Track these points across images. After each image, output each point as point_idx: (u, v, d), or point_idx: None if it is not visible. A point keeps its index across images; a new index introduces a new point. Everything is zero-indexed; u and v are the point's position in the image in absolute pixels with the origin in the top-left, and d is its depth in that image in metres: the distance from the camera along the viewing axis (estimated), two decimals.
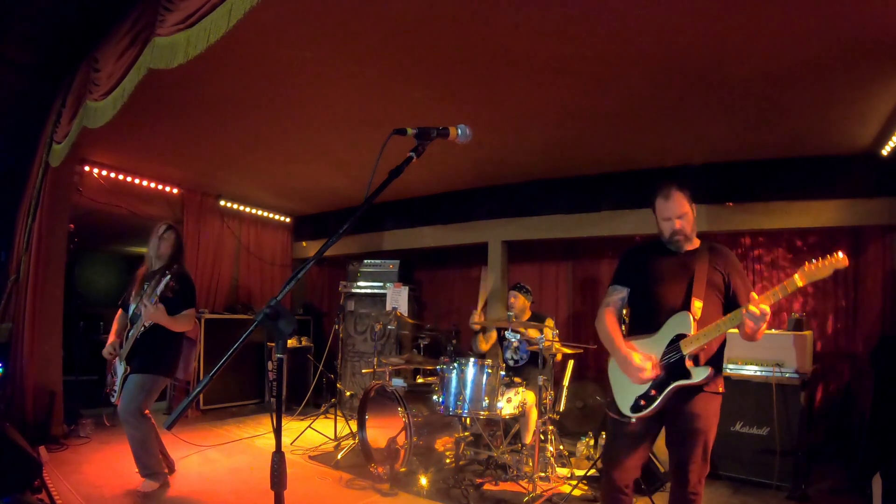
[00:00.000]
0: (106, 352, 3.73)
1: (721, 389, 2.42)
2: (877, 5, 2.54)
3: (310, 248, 8.12)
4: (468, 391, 3.94)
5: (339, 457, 4.53)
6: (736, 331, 2.31)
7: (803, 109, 3.77)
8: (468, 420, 4.29)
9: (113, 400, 3.72)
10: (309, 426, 5.33)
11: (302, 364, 6.94)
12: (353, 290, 6.91)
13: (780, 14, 2.65)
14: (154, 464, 3.63)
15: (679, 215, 2.46)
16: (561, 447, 4.50)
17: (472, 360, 4.02)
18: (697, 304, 2.35)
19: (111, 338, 3.77)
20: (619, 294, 2.61)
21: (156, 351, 3.59)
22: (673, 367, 2.34)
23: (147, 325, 3.54)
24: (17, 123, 5.09)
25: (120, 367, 3.65)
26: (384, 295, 6.66)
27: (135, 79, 2.99)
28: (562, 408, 4.57)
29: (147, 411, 3.60)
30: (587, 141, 4.68)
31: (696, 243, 2.54)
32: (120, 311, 3.88)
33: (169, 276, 3.40)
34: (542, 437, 4.16)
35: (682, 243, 2.49)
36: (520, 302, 4.74)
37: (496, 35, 3.04)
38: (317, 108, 4.16)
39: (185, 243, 6.38)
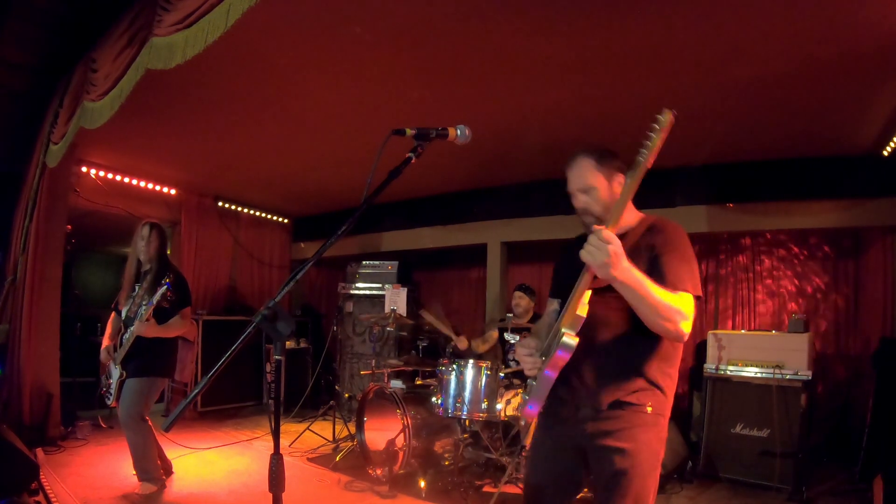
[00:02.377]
0: (103, 355, 3.72)
1: (649, 409, 1.74)
2: (878, 6, 2.53)
3: (308, 249, 8.11)
4: (467, 393, 3.92)
5: (337, 459, 4.51)
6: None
7: (804, 110, 3.76)
8: (467, 422, 4.26)
9: (108, 402, 3.70)
10: (307, 428, 5.31)
11: (300, 366, 6.91)
12: (352, 292, 6.89)
13: (783, 15, 2.65)
14: (153, 468, 3.61)
15: (581, 188, 1.92)
16: None
17: (470, 361, 4.00)
18: (586, 298, 1.68)
19: (105, 341, 3.76)
20: (552, 306, 2.09)
21: (151, 353, 3.57)
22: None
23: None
24: (14, 124, 5.07)
25: (115, 371, 3.62)
26: (383, 296, 6.64)
27: (132, 79, 2.98)
28: None
29: (147, 415, 3.59)
30: (587, 141, 4.65)
31: (627, 223, 1.89)
32: (113, 313, 3.86)
33: (166, 287, 3.36)
34: None
35: (591, 226, 1.82)
36: (524, 303, 4.72)
37: (495, 35, 3.03)
38: (315, 109, 4.15)
39: (182, 245, 6.47)
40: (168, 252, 3.92)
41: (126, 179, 5.97)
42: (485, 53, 3.23)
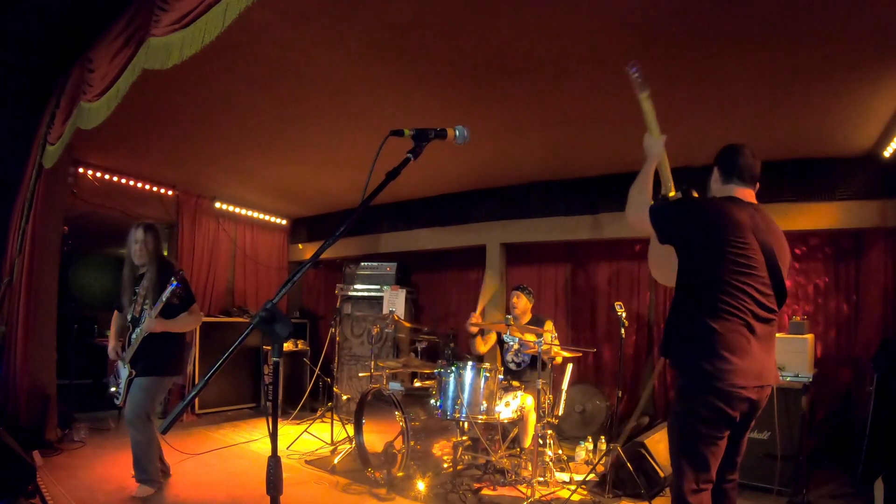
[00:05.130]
0: (111, 355, 3.71)
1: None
2: (879, 6, 2.52)
3: (306, 250, 8.09)
4: (466, 395, 3.90)
5: (335, 461, 4.48)
6: None
7: (805, 111, 3.76)
8: (466, 424, 4.25)
9: (117, 402, 3.69)
10: (305, 430, 5.29)
11: (298, 368, 6.89)
12: (350, 293, 6.87)
13: (782, 14, 2.64)
14: (152, 470, 3.60)
15: None
16: (560, 451, 4.46)
17: (469, 363, 3.98)
18: None
19: (112, 340, 3.74)
20: None
21: (159, 352, 3.56)
22: None
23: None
24: (11, 125, 5.04)
25: (123, 370, 3.61)
26: (381, 298, 6.63)
27: (129, 79, 2.97)
28: (561, 412, 4.54)
29: (153, 415, 3.58)
30: (586, 143, 4.66)
31: None
32: (116, 312, 3.84)
33: (176, 284, 3.37)
34: (541, 442, 4.12)
35: None
36: (522, 303, 4.69)
37: (495, 36, 3.02)
38: (313, 110, 4.13)
39: (179, 246, 6.45)
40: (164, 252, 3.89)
41: (123, 180, 5.96)
42: (484, 54, 3.21)
